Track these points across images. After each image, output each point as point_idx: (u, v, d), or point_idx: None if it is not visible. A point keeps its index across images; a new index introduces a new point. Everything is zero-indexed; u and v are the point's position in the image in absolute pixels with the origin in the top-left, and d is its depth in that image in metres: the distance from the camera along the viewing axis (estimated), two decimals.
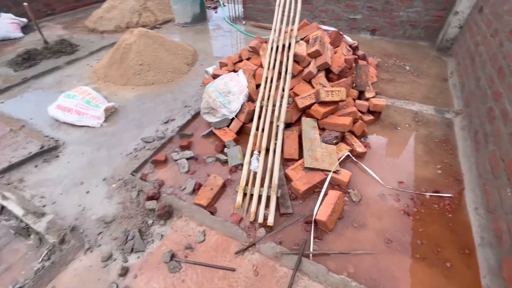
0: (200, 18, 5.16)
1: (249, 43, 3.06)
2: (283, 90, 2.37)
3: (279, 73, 2.51)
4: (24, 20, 5.08)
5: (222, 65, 3.46)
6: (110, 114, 2.91)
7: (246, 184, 2.00)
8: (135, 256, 1.71)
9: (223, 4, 6.15)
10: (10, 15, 4.90)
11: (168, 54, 3.63)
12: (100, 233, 1.84)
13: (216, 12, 5.88)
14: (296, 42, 2.54)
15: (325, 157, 2.09)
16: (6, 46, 4.57)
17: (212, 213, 1.89)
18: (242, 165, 2.22)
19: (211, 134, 2.55)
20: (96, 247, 1.76)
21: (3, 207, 2.07)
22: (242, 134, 2.52)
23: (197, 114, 2.86)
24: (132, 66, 3.42)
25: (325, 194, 1.90)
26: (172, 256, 1.68)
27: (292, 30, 2.65)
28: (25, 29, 5.08)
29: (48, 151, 2.48)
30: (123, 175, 2.21)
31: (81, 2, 6.05)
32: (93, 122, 2.76)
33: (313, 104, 2.30)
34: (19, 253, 1.84)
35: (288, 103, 2.29)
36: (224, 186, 2.08)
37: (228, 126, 2.50)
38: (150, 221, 1.88)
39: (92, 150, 2.50)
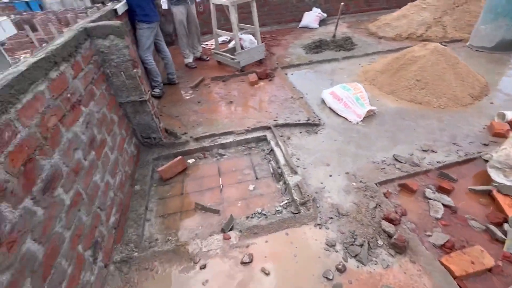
0: (509, 46, 4.03)
1: None
2: None
3: None
4: (324, 15, 6.23)
5: None
6: (368, 116, 2.99)
7: None
8: (355, 263, 1.69)
9: None
10: (319, 10, 6.16)
11: (454, 79, 3.14)
12: (331, 218, 1.97)
13: None
14: None
15: None
16: (305, 33, 5.87)
17: None
18: None
19: (486, 193, 1.98)
20: (325, 228, 1.90)
21: (272, 150, 2.74)
22: None
23: (469, 160, 2.31)
24: (407, 79, 3.28)
25: None
26: None
27: None
28: (321, 22, 6.25)
29: (311, 125, 2.95)
30: (365, 180, 2.22)
31: (371, 7, 6.56)
32: (352, 117, 2.95)
33: None
34: (270, 189, 2.37)
35: None
36: (489, 270, 1.55)
37: None
38: (380, 242, 1.77)
39: (343, 141, 2.70)
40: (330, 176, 2.32)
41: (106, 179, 1.91)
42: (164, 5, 4.23)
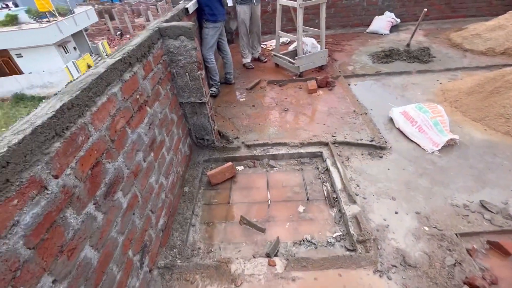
0: None
1: None
2: None
3: None
4: (398, 20, 5.62)
5: None
6: (447, 145, 2.54)
7: None
8: None
9: None
10: (392, 14, 5.58)
11: None
12: (395, 267, 1.68)
13: None
14: None
15: None
16: (373, 39, 5.37)
17: None
18: None
19: None
20: (387, 277, 1.63)
21: (328, 169, 2.50)
22: None
23: None
24: (503, 106, 2.72)
25: None
26: None
27: None
28: (392, 28, 5.65)
29: (376, 147, 2.62)
30: (441, 226, 1.87)
31: (456, 13, 5.71)
32: (426, 145, 2.55)
33: None
34: (321, 214, 2.15)
35: None
36: None
37: None
38: None
39: (414, 172, 2.33)
40: (396, 213, 2.01)
41: (161, 180, 1.91)
42: (229, 2, 4.22)
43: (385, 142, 2.66)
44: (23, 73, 16.01)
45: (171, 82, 2.26)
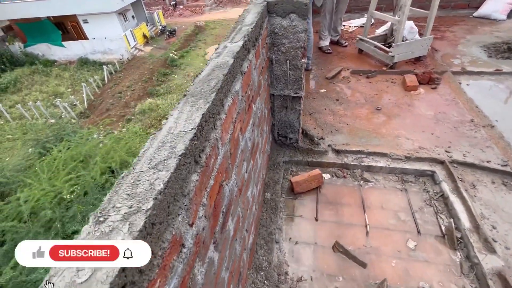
0: None
1: None
2: None
3: None
4: None
5: None
6: None
7: None
8: None
9: None
10: None
11: None
12: None
13: None
14: None
15: None
16: (483, 25, 4.33)
17: None
18: None
19: None
20: None
21: (444, 196, 1.99)
22: None
23: None
24: None
25: None
26: None
27: None
28: (510, 13, 4.50)
29: None
30: None
31: None
32: None
33: None
34: (440, 257, 1.69)
35: None
36: None
37: None
38: None
39: None
40: None
41: (253, 191, 1.61)
42: None
43: None
44: (88, 39, 17.06)
45: (267, 71, 1.89)
